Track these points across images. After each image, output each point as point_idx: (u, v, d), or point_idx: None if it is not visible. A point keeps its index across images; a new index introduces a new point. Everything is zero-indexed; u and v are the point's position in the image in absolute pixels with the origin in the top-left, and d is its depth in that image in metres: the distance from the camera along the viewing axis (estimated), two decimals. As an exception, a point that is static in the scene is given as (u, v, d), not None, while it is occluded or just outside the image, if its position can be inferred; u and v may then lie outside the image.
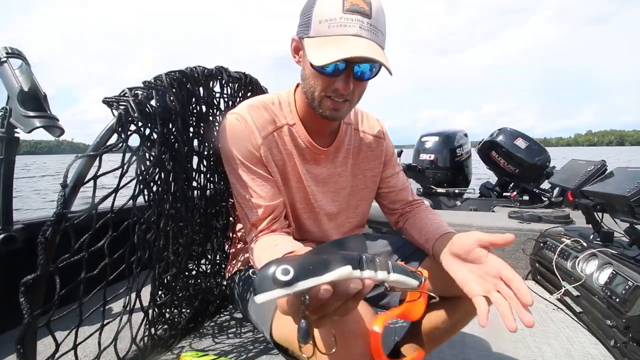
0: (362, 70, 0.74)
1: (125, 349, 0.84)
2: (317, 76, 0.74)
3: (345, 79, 0.72)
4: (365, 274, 0.47)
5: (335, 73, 0.72)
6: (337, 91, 0.74)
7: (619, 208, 1.52)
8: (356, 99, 0.80)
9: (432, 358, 1.37)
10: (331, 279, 0.43)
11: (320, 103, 0.78)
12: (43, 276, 0.59)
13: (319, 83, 0.75)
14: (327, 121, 0.86)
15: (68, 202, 0.59)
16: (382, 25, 0.73)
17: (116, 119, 0.63)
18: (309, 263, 0.43)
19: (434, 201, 3.64)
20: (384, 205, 1.06)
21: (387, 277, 0.51)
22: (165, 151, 0.76)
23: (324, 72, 0.73)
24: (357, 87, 0.77)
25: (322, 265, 0.43)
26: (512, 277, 0.65)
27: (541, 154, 3.17)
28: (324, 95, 0.76)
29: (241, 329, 1.05)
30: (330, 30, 0.69)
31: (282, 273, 0.41)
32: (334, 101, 0.77)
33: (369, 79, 0.77)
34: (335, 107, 0.77)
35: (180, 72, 0.79)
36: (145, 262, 0.79)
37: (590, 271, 1.62)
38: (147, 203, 0.76)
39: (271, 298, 0.41)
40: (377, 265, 0.50)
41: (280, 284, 0.40)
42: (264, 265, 0.43)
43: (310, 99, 0.80)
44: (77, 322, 0.70)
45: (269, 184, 0.85)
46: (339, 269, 0.44)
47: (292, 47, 0.80)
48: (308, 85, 0.78)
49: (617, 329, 1.33)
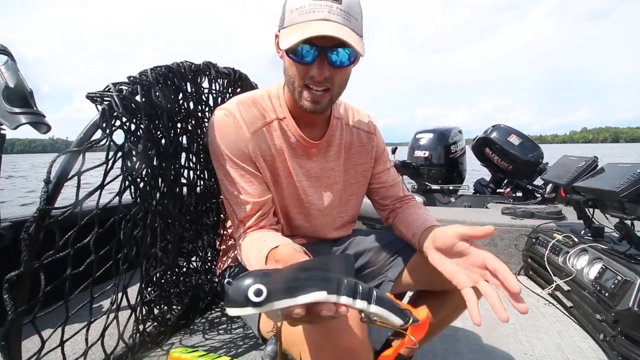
0: (336, 56, 0.74)
1: (114, 345, 0.83)
2: (294, 65, 0.76)
3: (319, 65, 0.73)
4: (342, 300, 0.46)
5: (310, 61, 0.73)
6: (314, 79, 0.75)
7: (609, 203, 1.54)
8: (337, 88, 0.80)
9: (424, 352, 1.38)
10: (304, 302, 0.43)
11: (300, 95, 0.79)
12: (27, 273, 0.58)
13: (295, 72, 0.76)
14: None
15: (51, 198, 0.59)
16: (355, 11, 0.73)
17: (100, 114, 0.63)
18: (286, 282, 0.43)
19: (429, 198, 3.65)
20: (375, 201, 1.07)
21: (367, 307, 0.49)
22: (151, 147, 0.75)
23: (297, 59, 0.74)
24: (335, 75, 0.77)
25: (298, 286, 0.43)
26: (498, 266, 0.65)
27: (534, 151, 3.19)
28: (303, 84, 0.77)
29: (231, 325, 1.05)
30: (300, 17, 0.71)
31: (255, 294, 0.41)
32: (313, 92, 0.77)
33: (347, 66, 0.77)
34: (315, 98, 0.78)
35: (167, 67, 0.78)
36: (133, 259, 0.79)
37: (580, 266, 1.63)
38: (134, 199, 0.75)
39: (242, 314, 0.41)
40: (357, 293, 0.48)
41: (252, 304, 0.41)
42: (239, 278, 0.43)
43: (292, 91, 0.80)
44: (64, 320, 0.69)
45: (257, 181, 0.85)
46: (314, 293, 0.44)
47: (276, 43, 0.80)
48: (288, 77, 0.79)
49: (606, 323, 1.34)
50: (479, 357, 1.36)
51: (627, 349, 1.22)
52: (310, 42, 0.70)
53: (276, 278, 0.43)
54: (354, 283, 0.48)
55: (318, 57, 0.73)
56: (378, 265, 0.97)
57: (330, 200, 0.97)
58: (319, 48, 0.72)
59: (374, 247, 1.00)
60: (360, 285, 0.49)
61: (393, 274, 0.94)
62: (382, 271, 0.97)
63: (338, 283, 0.46)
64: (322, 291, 0.44)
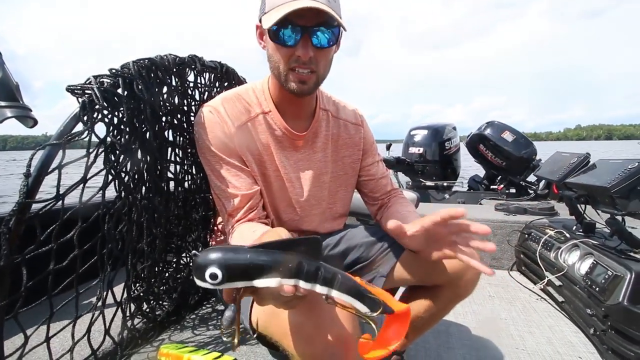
0: (318, 38, 0.75)
1: (101, 341, 0.83)
2: (278, 49, 0.76)
3: (303, 45, 0.74)
4: (300, 284, 0.47)
5: (293, 43, 0.74)
6: (299, 60, 0.75)
7: (601, 199, 1.54)
8: (322, 69, 0.80)
9: (417, 347, 1.38)
10: (259, 285, 0.45)
11: (286, 77, 0.79)
12: (6, 267, 0.57)
13: (280, 56, 0.76)
14: (302, 102, 0.88)
15: (32, 192, 0.58)
16: None
17: (80, 106, 0.62)
18: (242, 265, 0.45)
19: (423, 194, 3.65)
20: (365, 195, 1.07)
21: (328, 292, 0.49)
22: (134, 140, 0.74)
23: (281, 43, 0.75)
24: (320, 56, 0.77)
25: (255, 270, 0.45)
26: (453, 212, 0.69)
27: (527, 147, 3.20)
28: (288, 68, 0.77)
29: (221, 321, 1.05)
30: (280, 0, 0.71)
31: (211, 277, 0.44)
32: (299, 73, 0.77)
33: (330, 47, 0.78)
34: (301, 79, 0.78)
35: (150, 59, 0.77)
36: (118, 254, 0.78)
37: (572, 261, 1.64)
38: (118, 193, 0.74)
39: (202, 286, 0.45)
40: (318, 278, 0.48)
41: (210, 284, 0.44)
42: (202, 253, 0.45)
43: (277, 75, 0.80)
44: (48, 316, 0.68)
45: (244, 174, 0.85)
46: (269, 279, 0.45)
47: (257, 34, 0.81)
48: (273, 62, 0.79)
49: (597, 318, 1.35)
50: (472, 351, 1.37)
51: (617, 343, 1.23)
52: (292, 22, 0.71)
53: (234, 259, 0.45)
54: (315, 267, 0.48)
55: (302, 38, 0.74)
56: (370, 260, 0.97)
57: (319, 192, 0.96)
58: (302, 29, 0.73)
59: (365, 242, 1.00)
60: (323, 269, 0.48)
61: (385, 270, 0.94)
62: (374, 267, 0.97)
63: (298, 267, 0.46)
64: (276, 277, 0.45)
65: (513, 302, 1.80)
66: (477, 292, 1.78)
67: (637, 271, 1.25)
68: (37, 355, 0.76)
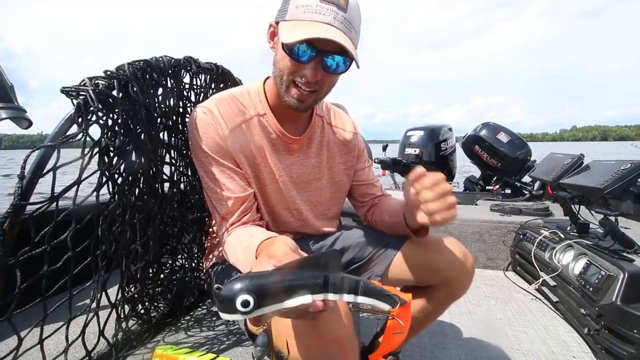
0: (332, 62, 0.75)
1: (95, 343, 0.82)
2: (288, 60, 0.75)
3: (314, 67, 0.74)
4: (329, 297, 0.48)
5: (306, 60, 0.73)
6: (305, 78, 0.75)
7: (594, 200, 1.56)
8: (324, 92, 0.81)
9: (413, 347, 1.39)
10: (292, 305, 0.45)
11: (287, 89, 0.79)
12: (0, 269, 0.57)
13: (288, 66, 0.76)
14: None
15: (26, 194, 0.58)
16: (356, 24, 0.74)
17: (75, 108, 0.62)
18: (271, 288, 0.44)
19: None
20: (354, 198, 1.09)
21: (354, 299, 0.51)
22: (129, 142, 0.74)
23: (293, 57, 0.74)
24: (326, 79, 0.78)
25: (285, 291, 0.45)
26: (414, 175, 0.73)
27: (522, 148, 3.22)
28: (292, 79, 0.77)
29: (217, 322, 1.04)
30: (305, 15, 0.71)
31: (242, 305, 0.43)
32: (301, 90, 0.77)
33: (339, 73, 0.78)
34: (301, 97, 0.78)
35: (145, 61, 0.77)
36: (112, 255, 0.78)
37: (566, 261, 1.66)
38: (111, 195, 0.74)
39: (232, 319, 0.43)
40: (344, 288, 0.49)
41: (240, 313, 0.43)
42: (227, 285, 0.44)
43: (278, 83, 0.80)
44: (42, 318, 0.68)
45: (238, 176, 0.84)
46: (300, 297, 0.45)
47: (269, 33, 0.80)
48: (278, 69, 0.79)
49: (591, 317, 1.36)
50: (467, 351, 1.37)
51: (610, 343, 1.24)
52: (311, 42, 0.71)
53: (263, 284, 0.44)
54: (340, 278, 0.49)
55: (314, 59, 0.73)
56: (365, 260, 0.98)
57: (313, 196, 0.97)
58: (317, 50, 0.72)
59: (360, 243, 1.01)
60: (347, 280, 0.50)
61: (380, 269, 0.95)
62: (369, 267, 0.98)
63: (325, 282, 0.47)
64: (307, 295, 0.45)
65: (508, 302, 1.81)
66: (472, 292, 1.79)
67: (630, 271, 1.26)
68: (31, 358, 0.75)
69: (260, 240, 0.69)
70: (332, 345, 0.60)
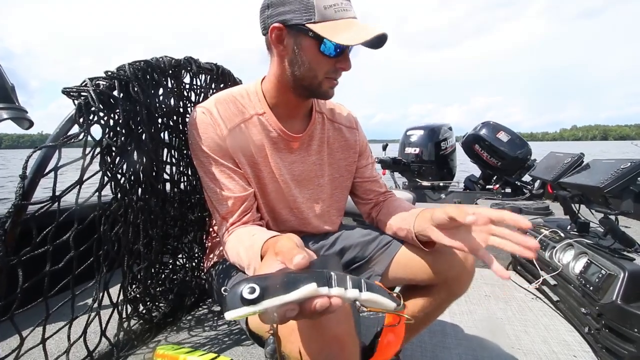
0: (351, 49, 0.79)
1: (97, 343, 0.83)
2: (322, 59, 0.78)
3: (347, 58, 0.79)
4: (333, 292, 0.48)
5: (340, 53, 0.77)
6: (338, 71, 0.80)
7: (594, 199, 1.56)
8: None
9: (413, 347, 1.39)
10: (297, 296, 0.45)
11: (320, 85, 0.81)
12: (2, 269, 0.57)
13: (323, 66, 0.79)
14: (300, 105, 0.89)
15: (28, 194, 0.58)
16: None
17: (76, 109, 0.62)
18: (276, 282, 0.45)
19: (419, 194, 3.66)
20: (357, 196, 1.08)
21: (359, 295, 0.51)
22: (130, 142, 0.74)
23: (333, 54, 0.77)
24: None
25: (289, 283, 0.45)
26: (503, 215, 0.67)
27: (522, 147, 3.22)
28: (326, 76, 0.80)
29: (218, 322, 1.05)
30: (337, 14, 0.74)
31: (249, 292, 0.43)
32: (333, 81, 0.82)
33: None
34: (333, 85, 0.82)
35: (145, 62, 0.77)
36: (115, 255, 0.78)
37: (567, 261, 1.65)
38: (114, 195, 0.74)
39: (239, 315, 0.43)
40: (347, 284, 0.50)
41: (247, 302, 0.42)
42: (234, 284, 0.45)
43: (308, 81, 0.81)
44: (44, 318, 0.68)
45: (238, 176, 0.85)
46: (304, 287, 0.45)
47: (274, 37, 0.79)
48: (307, 70, 0.80)
49: (591, 316, 1.36)
50: (467, 351, 1.37)
51: (611, 342, 1.24)
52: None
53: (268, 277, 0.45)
54: (342, 275, 0.50)
55: (346, 52, 0.78)
56: (365, 260, 0.98)
57: (314, 194, 0.97)
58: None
59: (361, 242, 1.00)
60: (348, 276, 0.51)
61: (380, 269, 0.95)
62: (369, 266, 0.97)
63: (327, 277, 0.48)
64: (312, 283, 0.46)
65: (509, 301, 1.81)
66: (472, 291, 1.79)
67: (630, 270, 1.26)
68: (33, 357, 0.76)
69: (264, 240, 0.68)
70: (333, 344, 0.60)
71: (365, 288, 0.52)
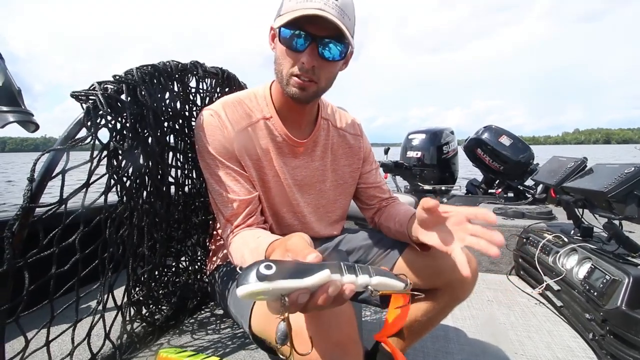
0: (327, 50, 0.76)
1: (101, 345, 0.83)
2: (285, 54, 0.77)
3: (309, 53, 0.75)
4: (345, 279, 0.49)
5: (301, 49, 0.75)
6: (303, 67, 0.76)
7: (598, 204, 1.55)
8: (323, 82, 0.81)
9: (416, 352, 1.38)
10: (311, 283, 0.45)
11: (288, 81, 0.80)
12: (10, 271, 0.58)
13: (286, 60, 0.78)
14: (303, 110, 0.89)
15: (35, 196, 0.58)
16: (349, 11, 0.76)
17: (84, 112, 0.63)
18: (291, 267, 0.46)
19: (421, 198, 3.65)
20: (361, 201, 1.08)
21: (369, 280, 0.53)
22: (137, 145, 0.75)
23: (290, 47, 0.76)
24: (323, 67, 0.78)
25: (303, 270, 0.46)
26: (474, 211, 0.69)
27: (525, 152, 3.22)
28: (292, 73, 0.78)
29: (220, 325, 1.05)
30: (297, 5, 0.73)
31: (265, 268, 0.43)
32: (301, 80, 0.78)
33: (335, 61, 0.79)
34: (302, 85, 0.79)
35: (153, 66, 0.78)
36: (119, 258, 0.78)
37: (570, 266, 1.65)
38: (119, 198, 0.75)
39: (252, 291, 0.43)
40: (357, 271, 0.52)
41: (262, 277, 0.43)
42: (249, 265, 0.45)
43: (280, 78, 0.82)
44: (49, 320, 0.69)
45: (243, 179, 0.85)
46: (319, 273, 0.46)
47: (270, 36, 0.82)
48: (278, 65, 0.81)
49: (595, 322, 1.36)
50: (470, 357, 1.37)
51: (616, 348, 1.23)
52: (304, 29, 0.73)
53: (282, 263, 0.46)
54: (351, 264, 0.52)
55: (309, 46, 0.75)
56: (368, 263, 0.98)
57: (318, 199, 0.98)
58: (311, 37, 0.74)
59: (364, 245, 1.01)
60: (357, 265, 0.53)
61: None
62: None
63: (338, 266, 0.50)
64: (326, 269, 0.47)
65: (512, 306, 1.80)
66: (475, 296, 1.79)
67: (635, 275, 1.26)
68: (35, 359, 0.76)
69: (269, 242, 0.68)
70: (335, 348, 0.60)
71: (374, 273, 0.54)
